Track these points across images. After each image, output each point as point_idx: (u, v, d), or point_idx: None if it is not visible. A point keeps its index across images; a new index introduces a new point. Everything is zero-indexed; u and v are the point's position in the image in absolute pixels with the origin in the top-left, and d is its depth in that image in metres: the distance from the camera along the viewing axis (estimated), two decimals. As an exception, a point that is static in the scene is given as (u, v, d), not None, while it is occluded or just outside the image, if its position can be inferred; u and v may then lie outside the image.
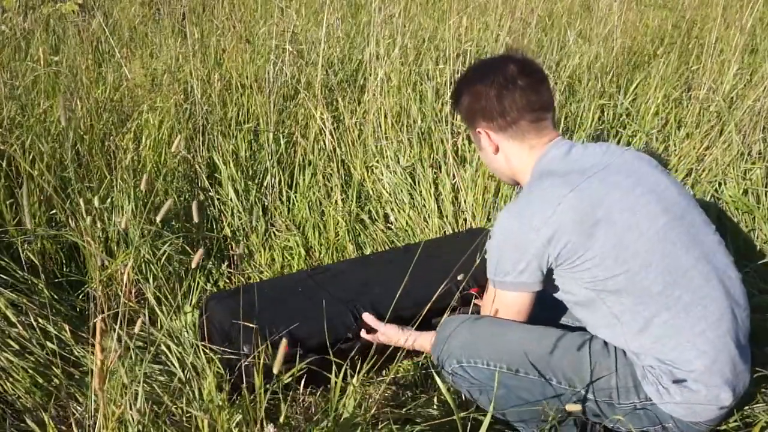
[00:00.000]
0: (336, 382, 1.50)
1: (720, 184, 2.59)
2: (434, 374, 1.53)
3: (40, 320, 1.81)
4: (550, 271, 1.47)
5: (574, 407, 1.32)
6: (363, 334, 1.76)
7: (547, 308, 1.65)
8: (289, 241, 2.49)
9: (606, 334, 1.48)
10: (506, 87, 1.51)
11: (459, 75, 1.69)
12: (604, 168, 1.45)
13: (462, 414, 1.57)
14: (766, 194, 2.53)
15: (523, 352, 1.47)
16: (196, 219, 1.52)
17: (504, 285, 1.49)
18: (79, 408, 1.65)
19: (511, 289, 1.49)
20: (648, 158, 1.55)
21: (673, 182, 1.50)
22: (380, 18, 3.13)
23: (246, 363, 1.66)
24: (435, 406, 1.78)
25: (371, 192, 2.72)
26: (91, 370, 1.45)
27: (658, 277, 1.37)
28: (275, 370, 1.20)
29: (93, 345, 1.24)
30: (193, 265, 1.43)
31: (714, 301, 1.39)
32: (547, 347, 1.47)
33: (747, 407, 1.75)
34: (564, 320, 1.82)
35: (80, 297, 2.13)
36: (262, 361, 1.37)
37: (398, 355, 1.70)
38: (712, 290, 1.40)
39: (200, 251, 1.44)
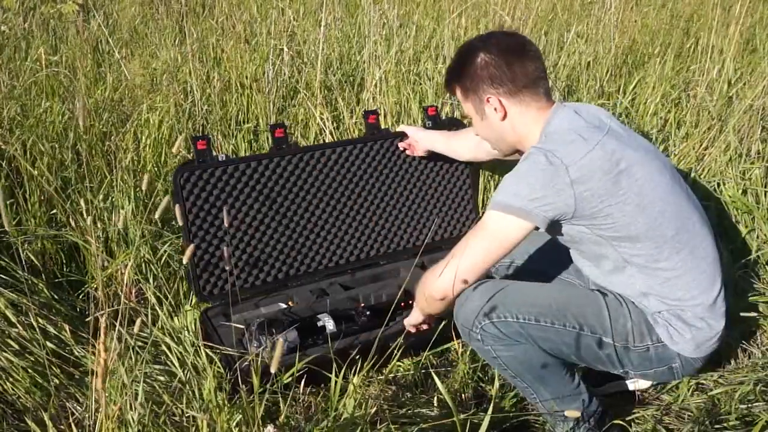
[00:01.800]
0: (336, 382, 1.50)
1: (719, 184, 2.59)
2: (433, 374, 1.54)
3: (40, 320, 1.81)
4: (557, 223, 1.51)
5: (574, 413, 1.39)
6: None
7: (552, 264, 1.81)
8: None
9: (616, 281, 1.59)
10: (514, 54, 1.57)
11: (457, 49, 1.69)
12: (610, 128, 1.55)
13: (462, 416, 1.58)
14: (765, 194, 2.53)
15: (549, 304, 1.56)
16: (180, 222, 1.53)
17: (507, 208, 1.47)
18: (79, 408, 1.65)
19: (512, 213, 1.47)
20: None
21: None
22: (376, 18, 3.13)
23: (246, 363, 1.66)
24: (435, 407, 1.78)
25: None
26: (92, 370, 1.45)
27: (671, 222, 1.51)
28: (273, 369, 1.21)
29: (93, 345, 1.24)
30: (185, 261, 1.44)
31: (709, 243, 1.59)
32: (570, 298, 1.60)
33: (747, 407, 1.76)
34: (565, 276, 1.91)
35: (80, 297, 2.13)
36: (260, 360, 1.38)
37: (395, 354, 1.70)
38: (707, 234, 1.59)
39: (191, 246, 1.44)
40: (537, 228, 1.50)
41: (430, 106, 2.36)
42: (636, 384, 1.85)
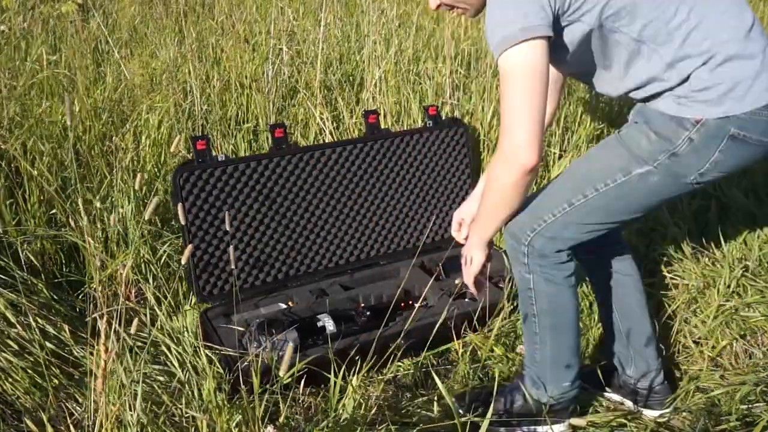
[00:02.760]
0: (335, 382, 1.50)
1: (719, 183, 2.59)
2: (434, 374, 1.53)
3: (39, 320, 1.81)
4: (559, 29, 1.40)
5: (580, 421, 1.31)
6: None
7: None
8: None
9: (640, 71, 1.43)
10: None
11: None
12: None
13: (463, 419, 1.57)
14: (766, 194, 2.53)
15: (572, 183, 1.51)
16: (182, 221, 1.52)
17: (507, 41, 1.33)
18: (78, 408, 1.65)
19: (517, 42, 1.33)
20: None
21: None
22: (375, 17, 3.13)
23: (246, 363, 1.66)
24: (435, 407, 1.78)
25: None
26: (91, 371, 1.45)
27: None
28: (282, 373, 1.20)
29: (93, 345, 1.24)
30: (183, 261, 1.43)
31: None
32: (587, 161, 1.53)
33: (747, 407, 1.75)
34: None
35: (80, 297, 2.13)
36: (260, 360, 1.37)
37: (395, 354, 1.70)
38: None
39: (190, 246, 1.44)
40: (549, 38, 1.36)
41: (430, 106, 2.36)
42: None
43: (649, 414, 1.80)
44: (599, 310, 1.85)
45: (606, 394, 1.87)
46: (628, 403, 1.83)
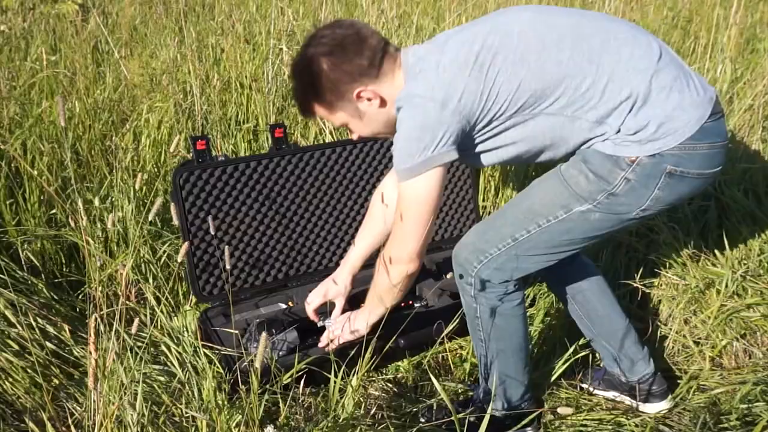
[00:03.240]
0: (335, 382, 1.50)
1: (719, 183, 2.59)
2: (432, 377, 1.54)
3: (39, 320, 1.81)
4: (472, 141, 1.46)
5: (567, 410, 1.34)
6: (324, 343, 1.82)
7: None
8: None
9: (567, 139, 1.47)
10: (350, 38, 1.47)
11: (292, 70, 1.59)
12: (452, 33, 1.50)
13: (461, 415, 1.58)
14: (765, 194, 2.53)
15: (516, 216, 1.54)
16: (176, 221, 1.52)
17: (408, 173, 1.43)
18: (78, 408, 1.65)
19: (416, 175, 1.43)
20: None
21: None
22: (374, 17, 3.13)
23: (245, 363, 1.66)
24: (434, 407, 1.78)
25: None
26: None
27: (558, 51, 1.40)
28: (257, 363, 1.21)
29: (90, 345, 1.24)
30: (179, 259, 1.43)
31: (621, 38, 1.44)
32: (529, 197, 1.56)
33: (747, 407, 1.75)
34: None
35: (80, 297, 2.13)
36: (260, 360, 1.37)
37: (389, 354, 1.70)
38: (612, 30, 1.45)
39: (186, 244, 1.44)
40: (454, 161, 1.46)
41: None
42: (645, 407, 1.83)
43: (648, 408, 1.81)
44: (575, 320, 1.87)
45: (605, 393, 1.88)
46: (627, 400, 1.84)
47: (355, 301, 2.05)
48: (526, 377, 1.70)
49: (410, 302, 2.08)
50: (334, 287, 1.87)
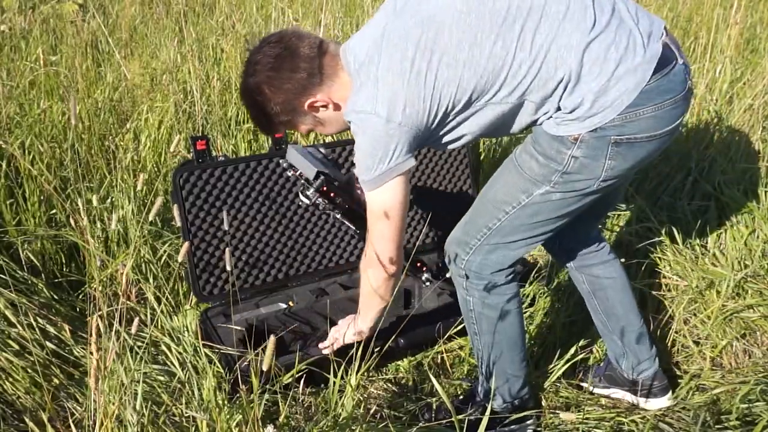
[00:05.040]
0: (335, 382, 1.50)
1: (719, 183, 2.59)
2: (431, 377, 1.54)
3: (39, 320, 1.81)
4: (435, 142, 1.49)
5: (570, 416, 1.41)
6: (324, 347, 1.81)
7: None
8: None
9: (516, 121, 1.48)
10: (285, 54, 1.47)
11: (243, 101, 1.61)
12: (385, 30, 1.45)
13: (461, 416, 1.58)
14: (765, 194, 2.53)
15: (486, 207, 1.58)
16: (178, 222, 1.52)
17: (371, 184, 1.45)
18: (78, 408, 1.65)
19: (381, 183, 1.45)
20: None
21: None
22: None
23: (245, 363, 1.66)
24: (433, 406, 1.78)
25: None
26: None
27: (487, 44, 1.37)
28: (265, 367, 1.21)
29: (91, 345, 1.24)
30: (180, 259, 1.43)
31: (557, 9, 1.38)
32: (492, 187, 1.58)
33: (748, 407, 1.75)
34: None
35: (80, 297, 2.13)
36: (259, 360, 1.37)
37: (389, 354, 1.70)
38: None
39: (186, 244, 1.44)
40: (412, 168, 1.47)
41: None
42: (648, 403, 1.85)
43: (650, 405, 1.83)
44: (590, 311, 1.88)
45: (605, 391, 1.88)
46: (629, 397, 1.85)
47: (354, 298, 2.05)
48: (523, 372, 1.71)
49: (419, 264, 2.08)
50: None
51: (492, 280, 1.60)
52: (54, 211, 2.33)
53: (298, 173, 1.81)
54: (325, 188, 1.77)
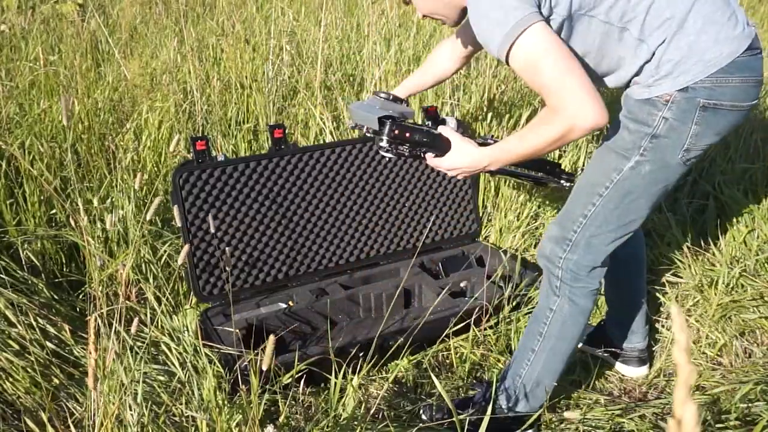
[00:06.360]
0: (335, 382, 1.50)
1: (719, 183, 2.59)
2: (432, 377, 1.54)
3: (39, 320, 1.81)
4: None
5: (573, 414, 1.40)
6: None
7: None
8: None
9: (608, 52, 1.46)
10: None
11: None
12: None
13: (461, 416, 1.58)
14: (765, 194, 2.53)
15: (581, 195, 1.58)
16: (179, 223, 1.52)
17: (508, 39, 1.34)
18: (78, 408, 1.65)
19: (515, 38, 1.34)
20: None
21: None
22: (375, 18, 3.13)
23: (245, 363, 1.66)
24: (434, 406, 1.78)
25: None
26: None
27: None
28: (264, 366, 1.21)
29: (89, 344, 1.24)
30: (179, 262, 1.43)
31: None
32: (584, 174, 1.59)
33: (747, 406, 1.75)
34: None
35: (80, 297, 2.13)
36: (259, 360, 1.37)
37: (390, 354, 1.70)
38: None
39: (186, 247, 1.44)
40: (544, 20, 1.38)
41: (429, 106, 2.36)
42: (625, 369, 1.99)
43: (628, 372, 1.98)
44: (610, 286, 1.95)
45: (588, 349, 2.03)
46: (618, 366, 2.00)
47: (354, 297, 2.05)
48: (556, 382, 1.70)
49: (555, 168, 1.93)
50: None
51: (587, 282, 1.60)
52: (54, 211, 2.33)
53: (365, 129, 1.70)
54: (396, 131, 1.58)
